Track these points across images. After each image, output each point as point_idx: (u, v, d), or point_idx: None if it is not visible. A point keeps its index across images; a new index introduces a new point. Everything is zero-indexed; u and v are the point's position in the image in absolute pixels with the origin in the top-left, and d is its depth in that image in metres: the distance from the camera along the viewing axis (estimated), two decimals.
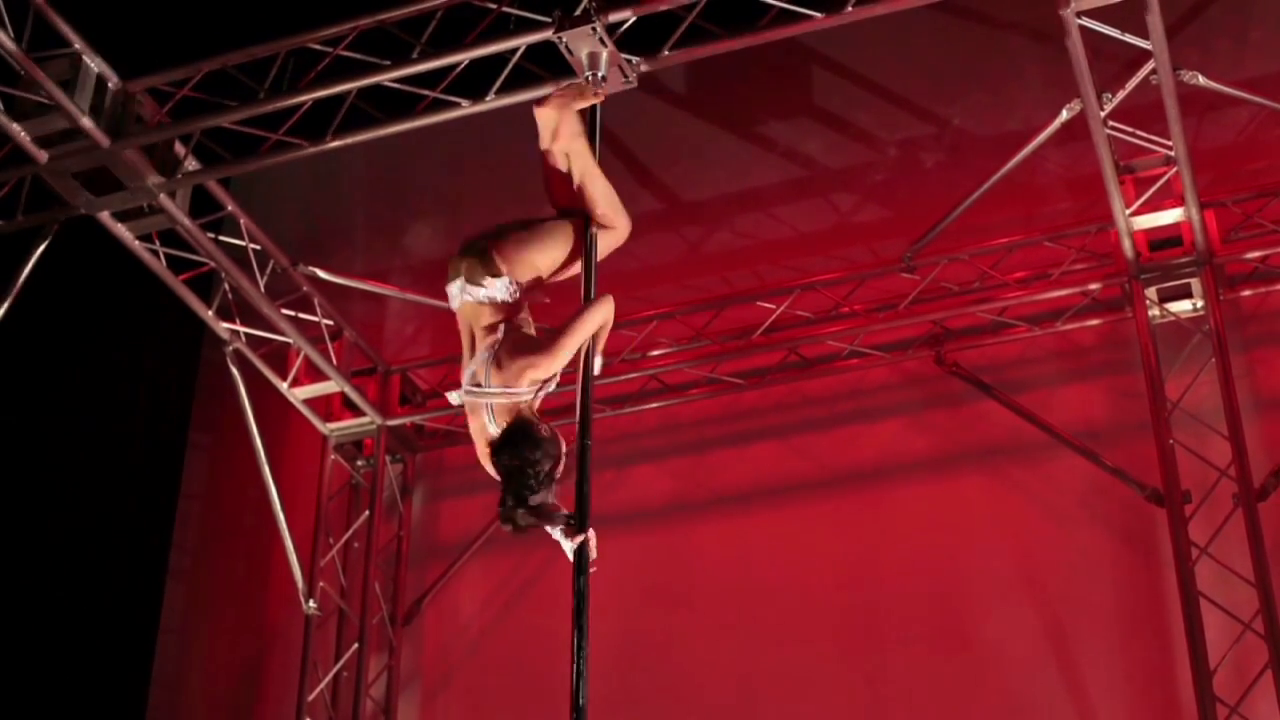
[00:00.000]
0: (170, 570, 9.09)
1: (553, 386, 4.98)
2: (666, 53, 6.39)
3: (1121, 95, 6.68)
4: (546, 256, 5.17)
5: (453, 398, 5.10)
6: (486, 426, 4.90)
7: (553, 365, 4.92)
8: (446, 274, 5.12)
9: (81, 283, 8.96)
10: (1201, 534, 6.98)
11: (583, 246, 5.24)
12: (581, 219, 5.28)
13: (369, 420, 8.67)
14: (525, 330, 5.02)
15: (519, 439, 4.81)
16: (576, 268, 5.24)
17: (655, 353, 8.33)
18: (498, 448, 4.83)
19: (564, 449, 4.87)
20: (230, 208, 7.73)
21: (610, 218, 5.31)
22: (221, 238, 7.71)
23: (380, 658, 8.45)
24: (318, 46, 6.82)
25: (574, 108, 5.33)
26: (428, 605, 8.54)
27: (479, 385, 4.91)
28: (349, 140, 6.96)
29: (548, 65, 6.52)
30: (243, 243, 7.82)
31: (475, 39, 6.58)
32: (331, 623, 8.44)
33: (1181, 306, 7.51)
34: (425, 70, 6.68)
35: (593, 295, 5.14)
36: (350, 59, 6.75)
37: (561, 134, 5.27)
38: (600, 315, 5.07)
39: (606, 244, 5.33)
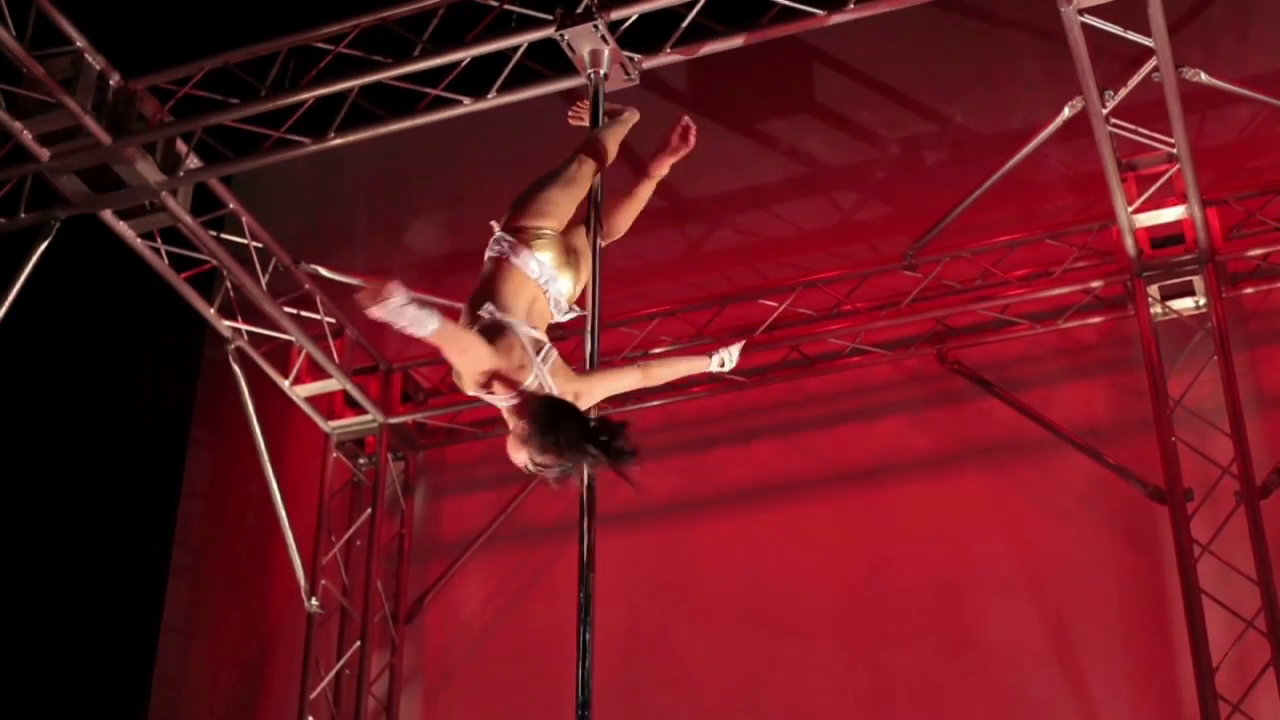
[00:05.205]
0: (172, 568, 9.08)
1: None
2: (668, 50, 6.38)
3: (1123, 93, 6.67)
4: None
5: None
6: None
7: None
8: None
9: (83, 281, 8.95)
10: (1203, 532, 6.98)
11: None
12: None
13: (371, 418, 8.67)
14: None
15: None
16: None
17: (657, 350, 8.32)
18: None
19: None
20: (232, 205, 7.73)
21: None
22: (223, 235, 7.72)
23: (382, 655, 8.45)
24: (319, 44, 6.84)
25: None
26: (430, 603, 8.54)
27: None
28: (351, 138, 6.96)
29: (549, 63, 6.53)
30: (244, 240, 7.82)
31: (477, 37, 6.59)
32: (333, 621, 8.44)
33: (1183, 304, 7.50)
34: (427, 68, 6.68)
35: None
36: (352, 57, 6.76)
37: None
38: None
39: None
